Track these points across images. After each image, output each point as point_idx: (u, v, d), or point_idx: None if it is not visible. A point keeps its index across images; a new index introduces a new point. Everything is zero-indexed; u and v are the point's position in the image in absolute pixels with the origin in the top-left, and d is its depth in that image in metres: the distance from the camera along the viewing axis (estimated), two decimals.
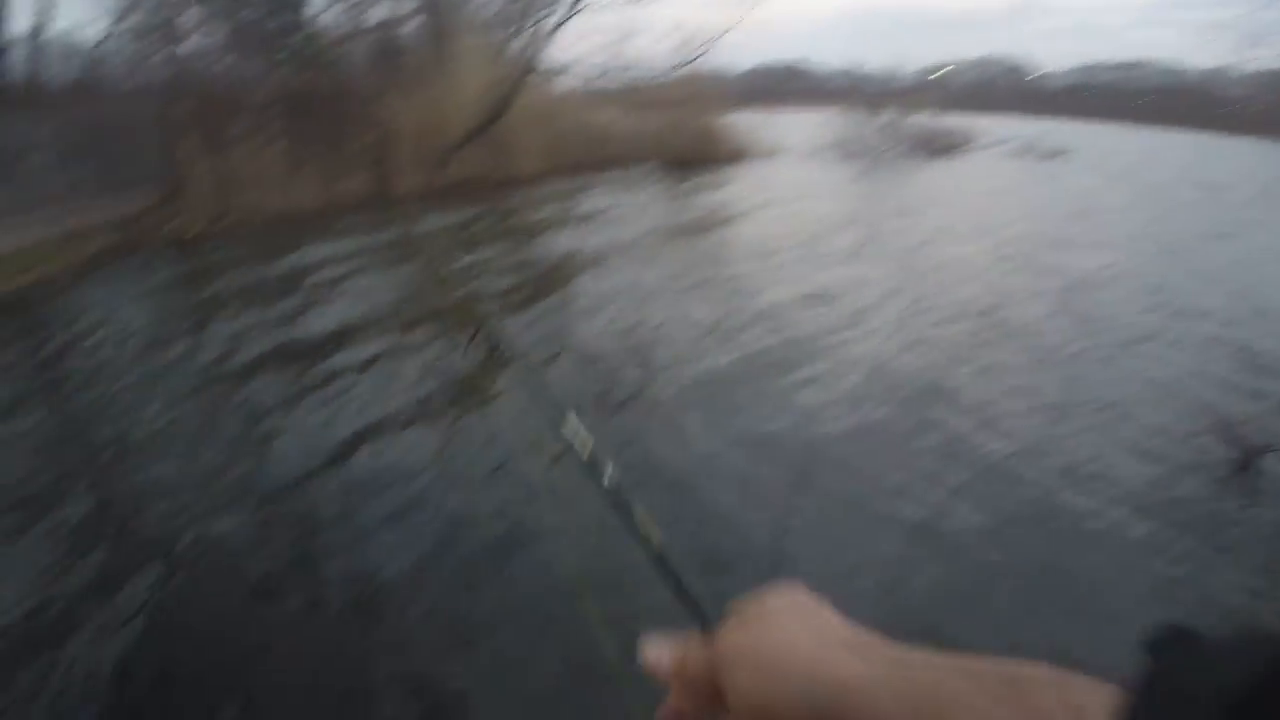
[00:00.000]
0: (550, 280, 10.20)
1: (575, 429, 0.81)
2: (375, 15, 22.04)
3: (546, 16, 21.58)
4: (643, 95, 22.46)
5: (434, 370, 6.85)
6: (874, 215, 15.13)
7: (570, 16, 21.45)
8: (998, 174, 24.14)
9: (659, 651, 0.57)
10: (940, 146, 29.92)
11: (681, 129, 22.48)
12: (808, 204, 15.87)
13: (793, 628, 0.50)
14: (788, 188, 18.45)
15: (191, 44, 18.64)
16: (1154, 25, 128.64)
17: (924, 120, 30.95)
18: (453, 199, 16.10)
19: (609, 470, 0.76)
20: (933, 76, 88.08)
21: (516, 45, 21.64)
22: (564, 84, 23.06)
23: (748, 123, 25.59)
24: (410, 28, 22.40)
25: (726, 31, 22.51)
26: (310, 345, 7.70)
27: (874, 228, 13.57)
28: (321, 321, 8.45)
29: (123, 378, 6.98)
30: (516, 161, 18.85)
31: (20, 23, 17.26)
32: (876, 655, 0.47)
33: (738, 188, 18.72)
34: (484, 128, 18.49)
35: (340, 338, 7.85)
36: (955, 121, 33.81)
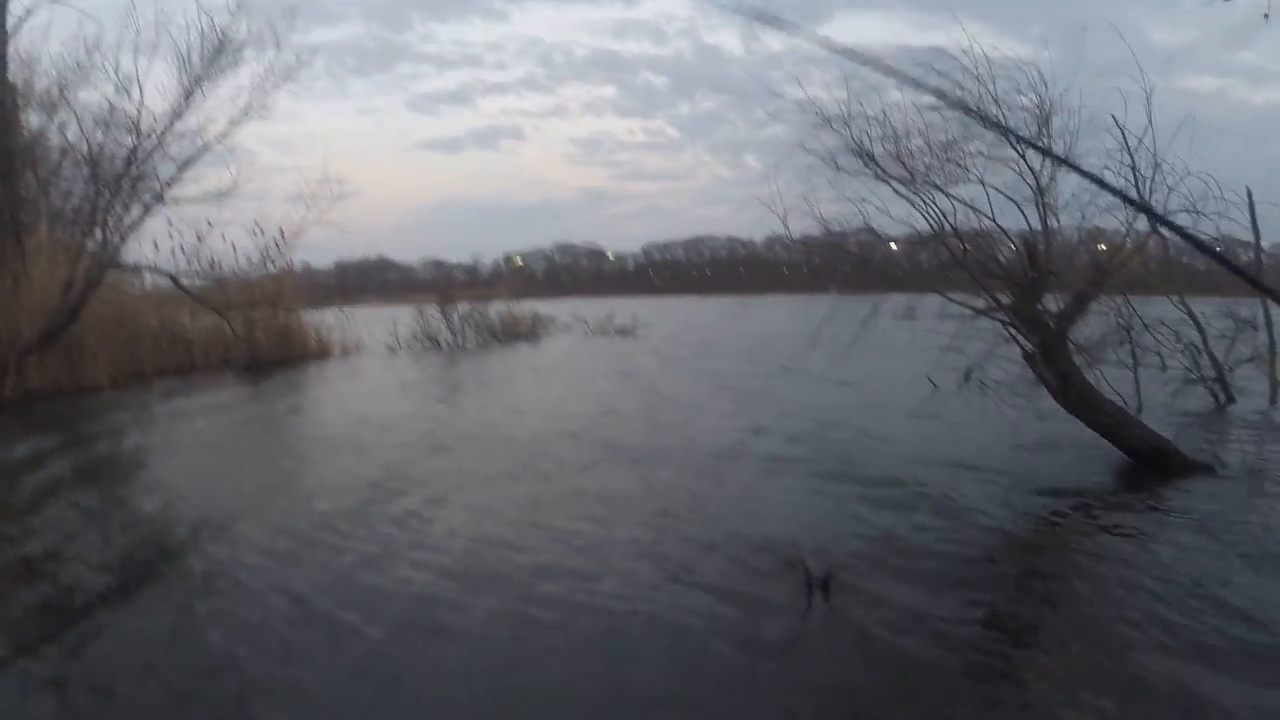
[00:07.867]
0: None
1: None
2: None
3: (126, 212, 21.62)
4: (227, 294, 23.37)
5: None
6: (435, 409, 16.74)
7: (149, 213, 21.77)
8: (565, 353, 27.63)
9: None
10: (520, 332, 33.35)
11: (265, 328, 23.78)
12: (373, 404, 17.18)
13: None
14: (362, 387, 20.13)
15: None
16: (710, 204, 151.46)
17: (504, 308, 34.14)
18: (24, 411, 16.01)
19: None
20: (514, 264, 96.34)
21: (93, 242, 21.30)
22: (143, 284, 23.36)
23: (333, 320, 27.31)
24: None
25: (308, 228, 23.98)
26: None
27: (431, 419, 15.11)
28: None
29: None
30: (91, 369, 18.97)
31: None
32: None
33: (315, 389, 20.24)
34: (58, 331, 18.55)
35: None
36: (537, 306, 37.28)
